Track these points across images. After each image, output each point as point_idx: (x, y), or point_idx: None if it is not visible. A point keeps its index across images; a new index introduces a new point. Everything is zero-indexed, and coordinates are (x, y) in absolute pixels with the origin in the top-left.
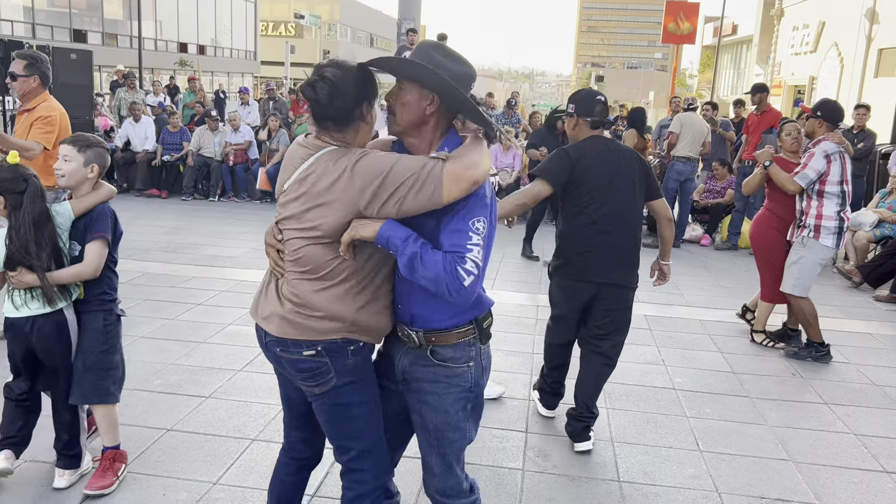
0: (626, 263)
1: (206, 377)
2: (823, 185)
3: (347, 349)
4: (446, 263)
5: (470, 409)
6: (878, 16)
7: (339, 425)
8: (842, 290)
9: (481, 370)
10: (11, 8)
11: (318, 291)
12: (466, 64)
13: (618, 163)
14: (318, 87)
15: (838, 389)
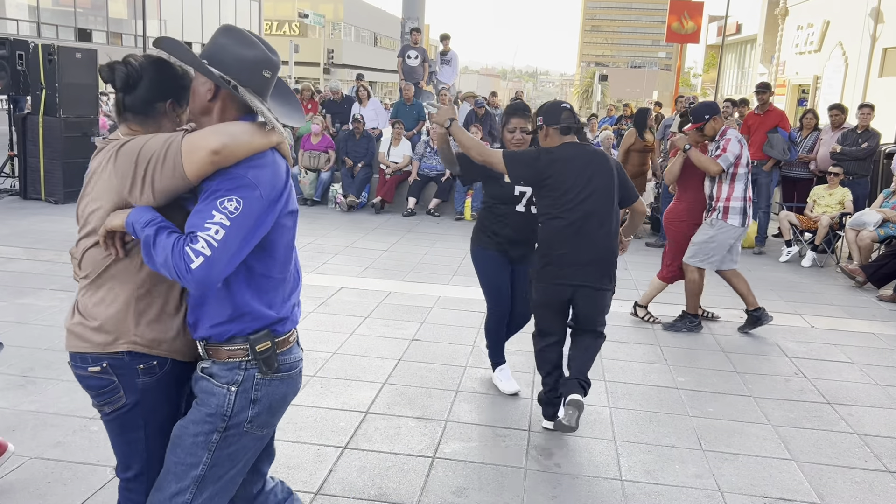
0: (602, 266)
1: None
2: (736, 169)
3: (136, 367)
4: (177, 245)
5: (216, 440)
6: (883, 15)
7: (120, 444)
8: (845, 290)
9: (249, 402)
10: (17, 7)
11: (96, 299)
12: (259, 48)
13: (593, 167)
14: (117, 72)
15: (841, 389)
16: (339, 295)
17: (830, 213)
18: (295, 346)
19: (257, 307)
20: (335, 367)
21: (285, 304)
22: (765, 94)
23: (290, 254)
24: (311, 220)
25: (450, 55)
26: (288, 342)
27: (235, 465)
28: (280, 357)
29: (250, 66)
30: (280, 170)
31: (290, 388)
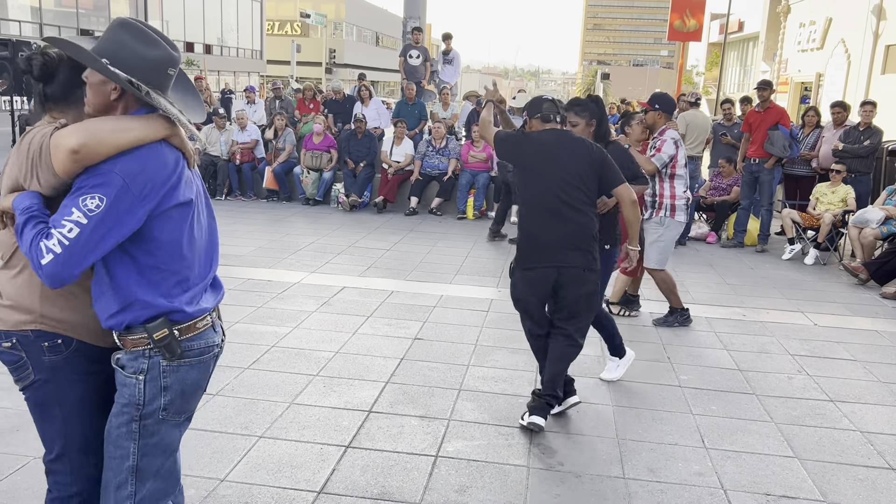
0: (575, 246)
1: (214, 375)
2: (674, 168)
3: (41, 345)
4: (35, 238)
5: (136, 429)
6: (886, 12)
7: (40, 423)
8: (848, 288)
9: (160, 390)
10: (19, 8)
11: (9, 278)
12: (161, 47)
13: (565, 151)
14: (34, 61)
15: (844, 387)
16: (341, 294)
17: (833, 211)
18: (207, 332)
19: (147, 297)
20: (338, 367)
21: (184, 294)
22: (765, 92)
23: (185, 245)
24: (313, 220)
25: (452, 54)
26: (195, 328)
27: (168, 454)
28: (186, 343)
29: (156, 66)
30: (163, 162)
31: (202, 373)
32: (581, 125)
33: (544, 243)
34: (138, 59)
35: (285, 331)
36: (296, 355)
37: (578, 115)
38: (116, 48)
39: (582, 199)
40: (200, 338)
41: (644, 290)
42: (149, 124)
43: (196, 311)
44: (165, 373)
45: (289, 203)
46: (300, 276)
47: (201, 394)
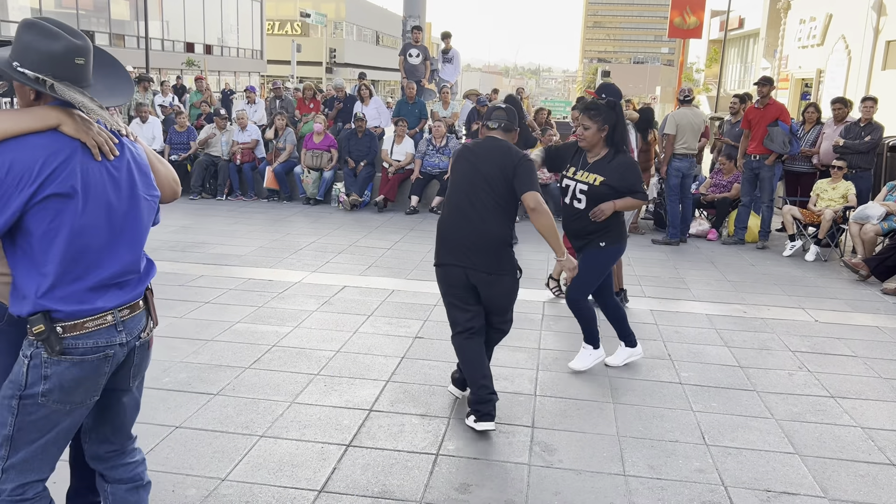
0: (477, 248)
1: (215, 375)
2: None
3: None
4: None
5: (16, 405)
6: (886, 7)
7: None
8: (849, 284)
9: (40, 378)
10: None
11: None
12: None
13: (486, 158)
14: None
15: (845, 383)
16: (342, 293)
17: (834, 207)
18: (99, 332)
19: (25, 291)
20: (338, 366)
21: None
22: (765, 88)
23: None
24: (314, 219)
25: (451, 53)
26: (83, 327)
27: (45, 433)
28: (70, 340)
29: (61, 58)
30: (37, 152)
31: (84, 372)
32: (593, 129)
33: (452, 242)
34: (44, 55)
35: (286, 330)
36: (297, 354)
37: (591, 119)
38: (23, 49)
39: (490, 203)
40: (89, 337)
41: (643, 287)
42: (33, 115)
43: (80, 311)
44: (46, 364)
45: (289, 203)
46: (301, 275)
47: (88, 389)
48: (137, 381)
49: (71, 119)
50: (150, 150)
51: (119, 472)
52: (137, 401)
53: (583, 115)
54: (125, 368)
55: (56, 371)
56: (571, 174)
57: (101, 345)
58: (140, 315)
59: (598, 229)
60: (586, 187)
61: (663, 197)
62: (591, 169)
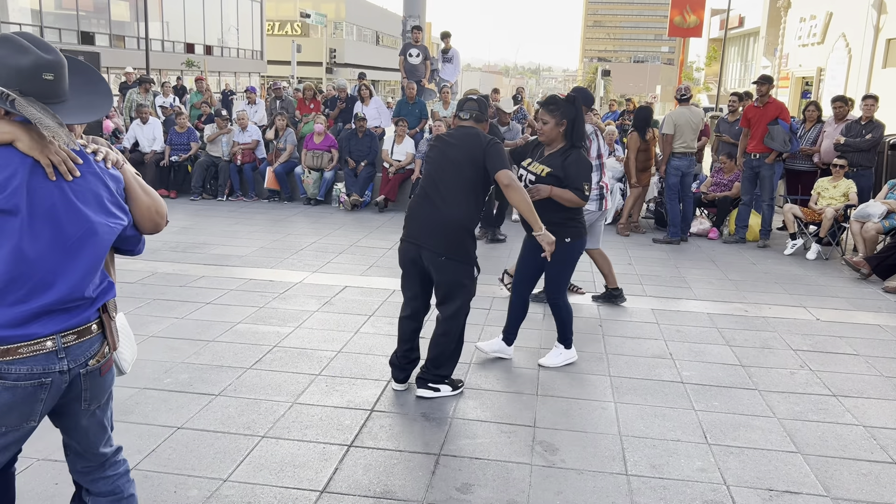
0: (434, 232)
1: (216, 375)
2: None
3: None
4: None
5: None
6: (886, 6)
7: None
8: (850, 282)
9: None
10: (20, 11)
11: None
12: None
13: (456, 145)
14: None
15: (847, 381)
16: (343, 294)
17: (835, 206)
18: (35, 359)
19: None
20: (340, 366)
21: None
22: (764, 87)
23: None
24: (314, 220)
25: (451, 53)
26: (16, 353)
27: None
28: (1, 366)
29: (29, 73)
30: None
31: (17, 398)
32: (551, 124)
33: (414, 221)
34: (11, 69)
35: (287, 330)
36: (298, 355)
37: (550, 114)
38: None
39: (455, 187)
40: (23, 363)
41: (644, 286)
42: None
43: (14, 336)
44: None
45: (290, 203)
46: (302, 275)
47: (23, 414)
48: (96, 406)
49: (27, 135)
50: (136, 179)
51: (99, 486)
52: (101, 422)
53: (542, 110)
54: (72, 395)
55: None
56: (525, 164)
57: (35, 372)
58: (91, 340)
59: (559, 224)
60: (534, 178)
61: (664, 196)
62: (543, 161)
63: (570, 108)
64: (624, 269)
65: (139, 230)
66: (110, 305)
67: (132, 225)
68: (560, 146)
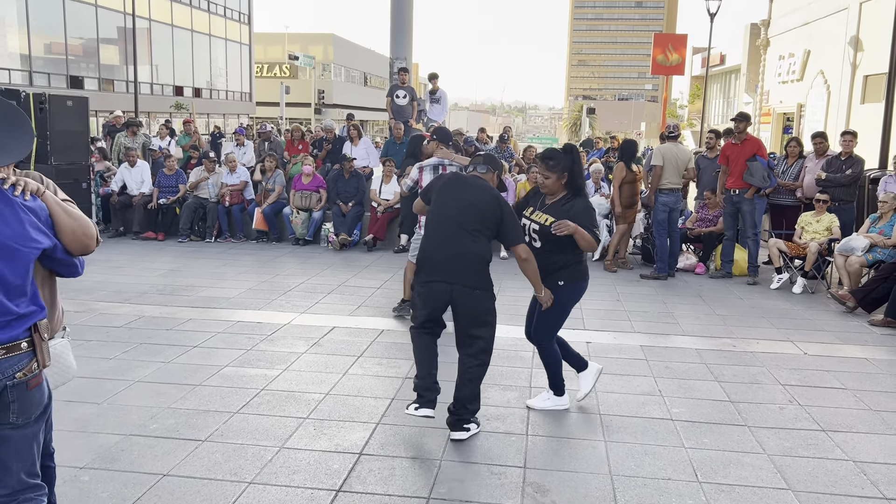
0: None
1: (203, 420)
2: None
3: None
4: None
5: None
6: (862, 43)
7: None
8: (836, 316)
9: None
10: (9, 56)
11: None
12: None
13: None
14: None
15: (836, 416)
16: (331, 335)
17: (818, 240)
18: None
19: None
20: (328, 409)
21: None
22: (742, 124)
23: None
24: (303, 260)
25: (439, 94)
26: None
27: None
28: None
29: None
30: None
31: None
32: (552, 178)
33: (442, 259)
34: None
35: (275, 373)
36: (286, 398)
37: (551, 170)
38: None
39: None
40: None
41: (633, 322)
42: None
43: None
44: None
45: (279, 243)
46: (290, 317)
47: None
48: (24, 420)
49: None
50: (59, 205)
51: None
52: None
53: (541, 166)
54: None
55: None
56: (528, 213)
57: None
58: (19, 357)
59: (558, 268)
60: (538, 227)
61: (650, 232)
62: (547, 210)
63: (568, 158)
64: (612, 306)
65: (70, 253)
66: (42, 326)
67: (62, 249)
68: (562, 195)
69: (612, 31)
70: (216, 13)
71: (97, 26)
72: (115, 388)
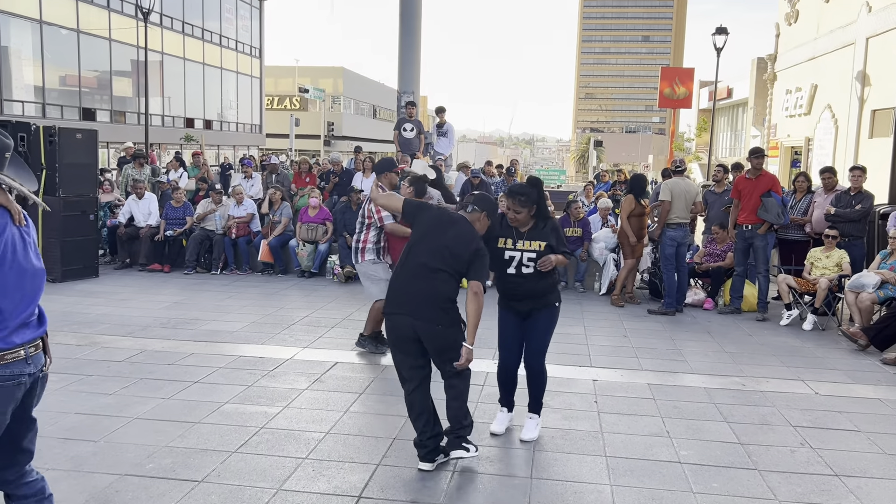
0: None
1: (200, 459)
2: (369, 220)
3: None
4: None
5: None
6: (870, 78)
7: None
8: (848, 354)
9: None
10: (24, 88)
11: None
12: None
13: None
14: None
15: (850, 460)
16: (333, 370)
17: (829, 276)
18: (15, 364)
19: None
20: (328, 449)
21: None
22: (760, 160)
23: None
24: (308, 293)
25: (446, 127)
26: (3, 359)
27: None
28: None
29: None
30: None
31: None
32: (524, 213)
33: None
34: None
35: (275, 411)
36: (285, 437)
37: (522, 205)
38: None
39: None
40: (7, 367)
41: (640, 360)
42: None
43: (4, 345)
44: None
45: (284, 276)
46: (293, 351)
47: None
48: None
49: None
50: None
51: (24, 489)
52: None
53: (512, 202)
54: (30, 396)
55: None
56: (512, 245)
57: (16, 373)
58: (40, 353)
59: (550, 290)
60: (534, 254)
61: (658, 266)
62: (531, 237)
63: (534, 191)
64: (619, 342)
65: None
66: None
67: None
68: (532, 221)
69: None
70: (228, 47)
71: (111, 59)
72: (114, 424)
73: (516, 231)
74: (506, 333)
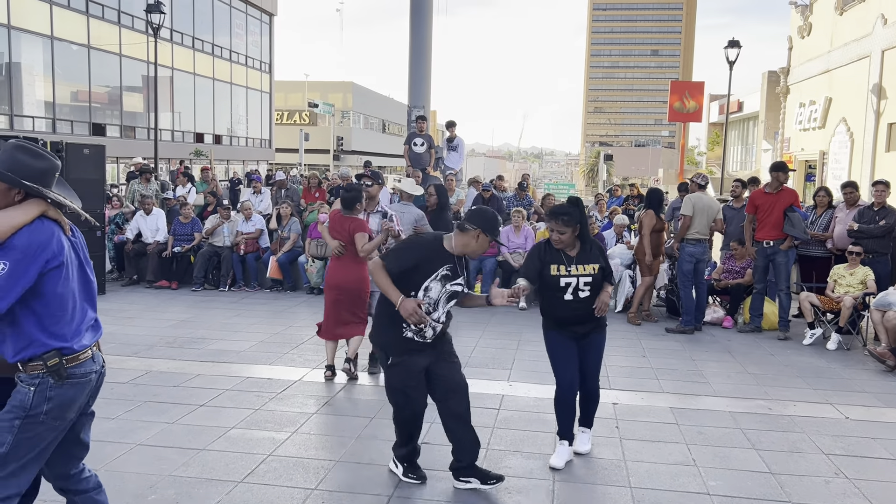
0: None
1: (204, 490)
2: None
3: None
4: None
5: (18, 425)
6: (886, 91)
7: None
8: (876, 375)
9: (44, 400)
10: (35, 104)
11: None
12: (47, 159)
13: None
14: None
15: (888, 491)
16: (343, 392)
17: (853, 294)
18: (87, 362)
19: (43, 337)
20: (337, 479)
21: (69, 334)
22: (786, 175)
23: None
24: (317, 310)
25: (456, 141)
26: (78, 359)
27: (34, 449)
28: (70, 370)
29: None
30: (44, 234)
31: (78, 391)
32: (568, 233)
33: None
34: (34, 170)
35: (283, 437)
36: (293, 465)
37: (566, 225)
38: (15, 163)
39: None
40: (82, 366)
41: (660, 381)
42: (27, 209)
43: (79, 347)
44: (51, 389)
45: (293, 292)
46: (301, 372)
47: (77, 407)
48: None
49: (49, 207)
50: None
51: (83, 484)
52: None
53: (555, 223)
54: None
55: (58, 393)
56: (566, 272)
57: (88, 371)
58: (100, 352)
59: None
60: (590, 278)
61: (675, 283)
62: (582, 261)
63: (576, 210)
64: (638, 362)
65: None
66: None
67: None
68: (579, 243)
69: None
70: (238, 62)
71: (121, 75)
72: (115, 452)
73: (565, 255)
74: (566, 357)
